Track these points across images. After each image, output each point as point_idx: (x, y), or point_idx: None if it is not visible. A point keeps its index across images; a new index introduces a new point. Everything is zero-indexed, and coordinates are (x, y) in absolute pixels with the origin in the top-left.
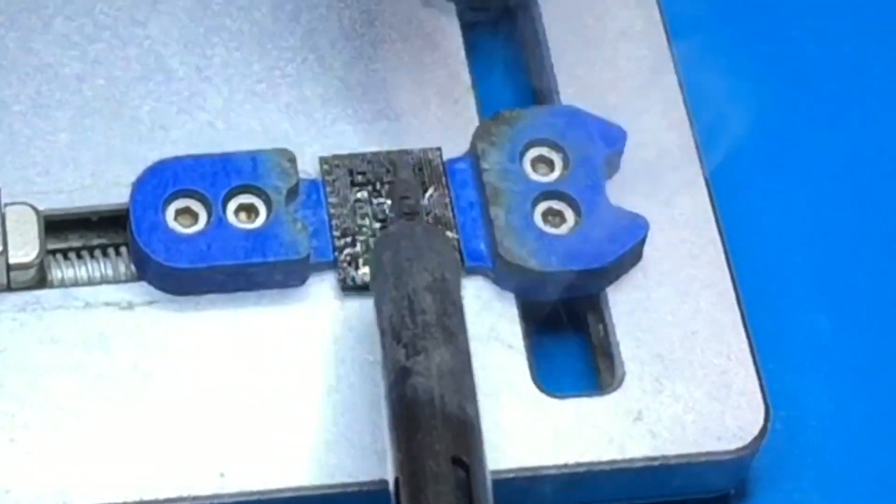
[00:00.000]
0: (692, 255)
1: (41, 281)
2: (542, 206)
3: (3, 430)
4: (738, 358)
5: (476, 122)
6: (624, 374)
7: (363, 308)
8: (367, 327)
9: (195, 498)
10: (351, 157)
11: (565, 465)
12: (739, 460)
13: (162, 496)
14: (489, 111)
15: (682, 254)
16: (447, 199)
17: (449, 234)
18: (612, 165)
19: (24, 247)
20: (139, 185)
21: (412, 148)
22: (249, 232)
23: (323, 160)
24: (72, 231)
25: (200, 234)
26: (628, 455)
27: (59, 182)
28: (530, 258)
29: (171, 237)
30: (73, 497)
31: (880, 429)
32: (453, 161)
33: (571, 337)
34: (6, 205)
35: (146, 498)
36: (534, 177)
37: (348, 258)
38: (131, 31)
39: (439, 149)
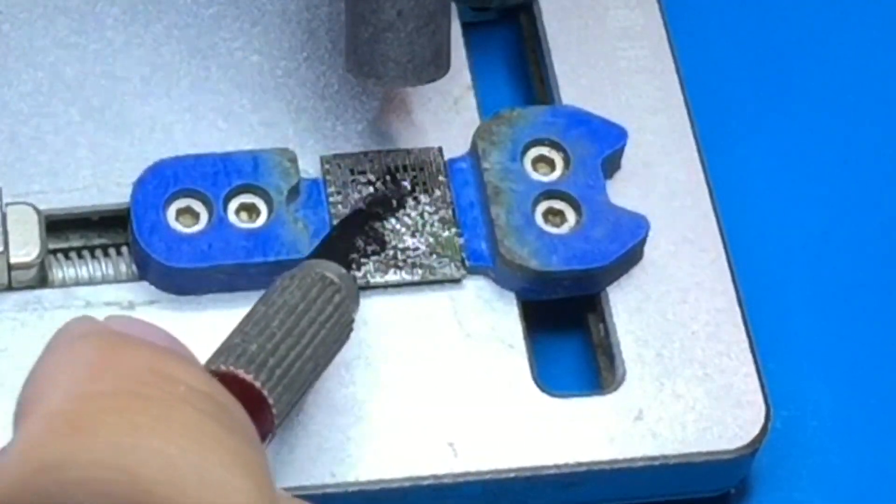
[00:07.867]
0: (692, 255)
1: (42, 280)
2: (542, 206)
3: (4, 429)
4: (738, 358)
5: (476, 122)
6: (624, 373)
7: (363, 308)
8: (366, 327)
9: None
10: (352, 156)
11: (565, 465)
12: (739, 460)
13: None
14: (489, 111)
15: (682, 254)
16: (448, 199)
17: (451, 232)
18: (613, 165)
19: (26, 246)
20: (140, 185)
21: (412, 148)
22: (250, 231)
23: (324, 159)
24: (73, 231)
25: (201, 233)
26: (629, 455)
27: (59, 182)
28: (531, 258)
29: (172, 237)
30: None
31: (880, 429)
32: (454, 161)
33: (571, 337)
34: (7, 204)
35: None
36: (534, 176)
37: None
38: (131, 31)
39: (440, 149)
